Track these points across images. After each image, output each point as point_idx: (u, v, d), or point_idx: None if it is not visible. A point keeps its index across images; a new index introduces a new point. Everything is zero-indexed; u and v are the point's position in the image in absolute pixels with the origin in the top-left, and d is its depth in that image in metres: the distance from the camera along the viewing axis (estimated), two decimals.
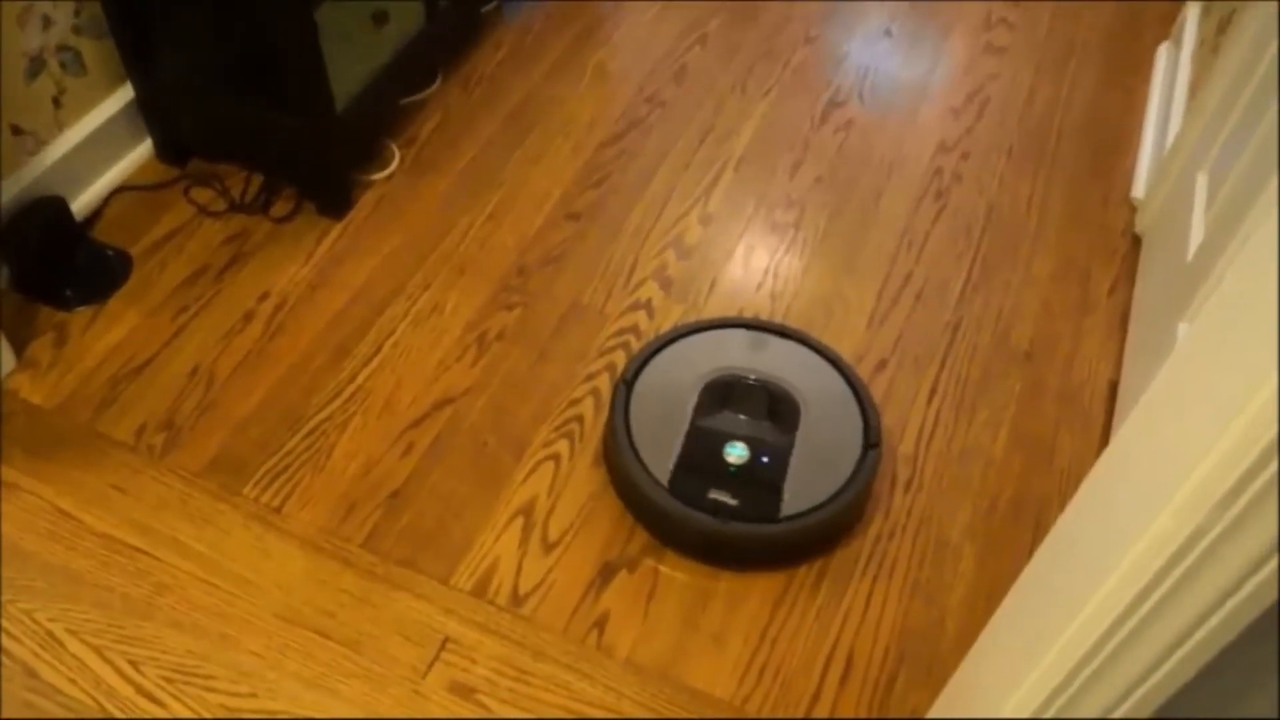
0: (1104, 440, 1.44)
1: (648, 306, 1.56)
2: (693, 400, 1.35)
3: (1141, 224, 1.69)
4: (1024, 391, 1.49)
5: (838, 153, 1.82)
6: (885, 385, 1.48)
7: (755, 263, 1.64)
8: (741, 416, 1.34)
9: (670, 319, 1.55)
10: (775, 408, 1.35)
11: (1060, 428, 1.45)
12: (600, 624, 1.24)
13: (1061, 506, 1.36)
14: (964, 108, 1.92)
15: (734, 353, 1.41)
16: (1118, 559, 0.67)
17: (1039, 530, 1.34)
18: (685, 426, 1.33)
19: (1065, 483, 1.39)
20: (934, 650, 1.24)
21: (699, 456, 1.30)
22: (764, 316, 1.56)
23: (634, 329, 1.53)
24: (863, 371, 1.50)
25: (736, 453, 1.31)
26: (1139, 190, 1.74)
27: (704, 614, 1.25)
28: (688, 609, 1.26)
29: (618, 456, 1.31)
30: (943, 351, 1.53)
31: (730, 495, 1.27)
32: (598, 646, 1.22)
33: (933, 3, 2.14)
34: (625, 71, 1.94)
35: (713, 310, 1.56)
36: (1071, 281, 1.63)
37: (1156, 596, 0.64)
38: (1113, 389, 1.49)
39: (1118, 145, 1.85)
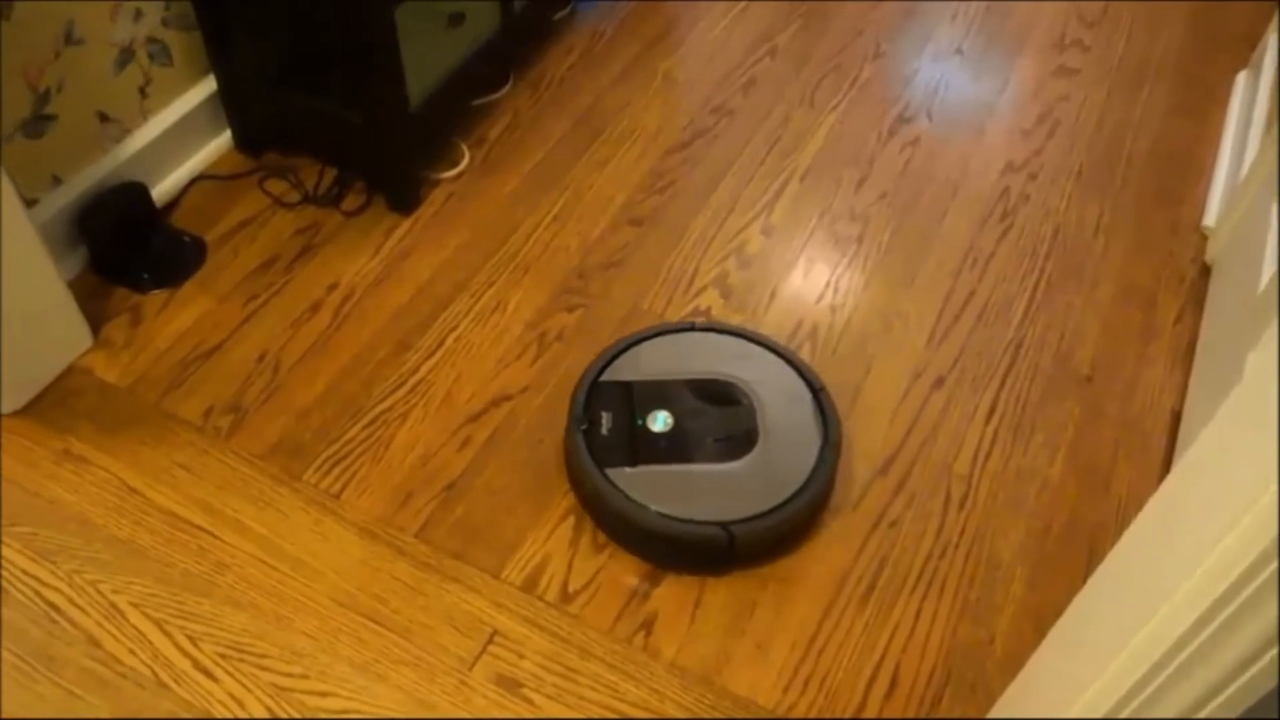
0: (1164, 470, 1.42)
1: (707, 314, 1.57)
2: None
3: (1211, 253, 1.66)
4: (1083, 416, 1.47)
5: (904, 169, 1.81)
6: (943, 402, 1.48)
7: (816, 275, 1.64)
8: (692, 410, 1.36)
9: None
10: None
11: (1119, 455, 1.43)
12: (647, 626, 1.25)
13: (1117, 535, 1.34)
14: (1034, 129, 1.90)
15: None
16: (1176, 585, 0.67)
17: (1093, 557, 1.33)
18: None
19: (1122, 511, 1.37)
20: (980, 670, 1.23)
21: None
22: (823, 328, 1.56)
23: None
24: (920, 388, 1.49)
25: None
26: (1210, 218, 1.72)
27: (750, 621, 1.26)
28: (734, 615, 1.26)
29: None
30: (1003, 371, 1.52)
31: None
32: (643, 648, 1.23)
33: (1005, 21, 2.12)
34: (694, 80, 1.95)
35: (772, 321, 1.57)
36: (1136, 307, 1.61)
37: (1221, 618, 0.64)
38: (1175, 418, 1.47)
39: (1189, 172, 1.83)
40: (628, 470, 1.30)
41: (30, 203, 1.47)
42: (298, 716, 1.17)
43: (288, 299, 1.56)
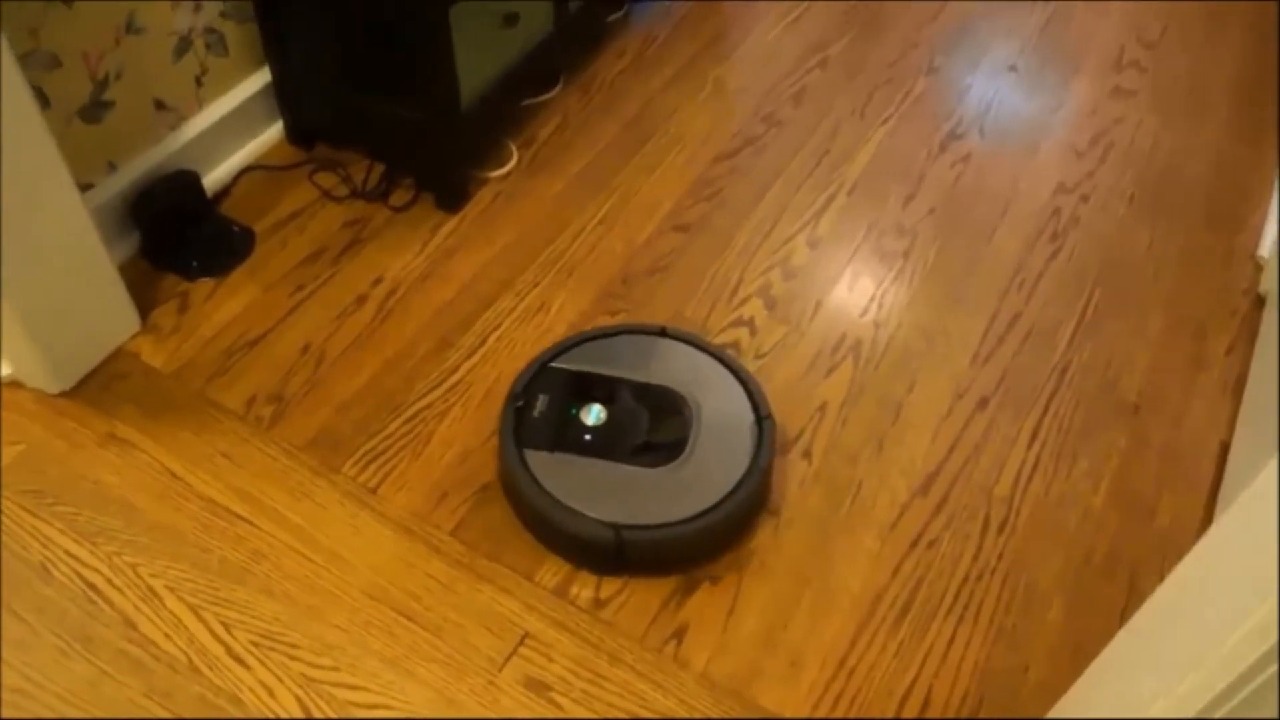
0: (1210, 504, 1.39)
1: (750, 324, 1.56)
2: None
3: (1265, 284, 1.63)
4: (1128, 445, 1.45)
5: (954, 185, 1.80)
6: (985, 424, 1.46)
7: (861, 289, 1.63)
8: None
9: (772, 338, 1.55)
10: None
11: (1164, 486, 1.41)
12: (678, 635, 1.24)
13: (1160, 568, 1.33)
14: (1087, 150, 1.88)
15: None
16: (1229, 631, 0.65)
17: (1133, 590, 1.31)
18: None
19: (1165, 544, 1.35)
20: (1014, 697, 1.22)
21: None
22: (866, 343, 1.55)
23: (735, 345, 1.54)
24: (963, 408, 1.48)
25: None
26: (1265, 248, 1.69)
27: (783, 635, 1.25)
28: (767, 629, 1.25)
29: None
30: (1047, 396, 1.50)
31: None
32: (674, 658, 1.23)
33: (1062, 40, 2.10)
34: (745, 88, 1.95)
35: (815, 333, 1.56)
36: (1187, 337, 1.59)
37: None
38: (1223, 452, 1.45)
39: (1245, 201, 1.80)
40: (544, 454, 1.30)
41: (85, 187, 1.49)
42: (327, 709, 1.17)
43: (333, 292, 1.57)
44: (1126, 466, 1.43)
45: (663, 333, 1.44)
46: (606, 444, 1.32)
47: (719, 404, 1.36)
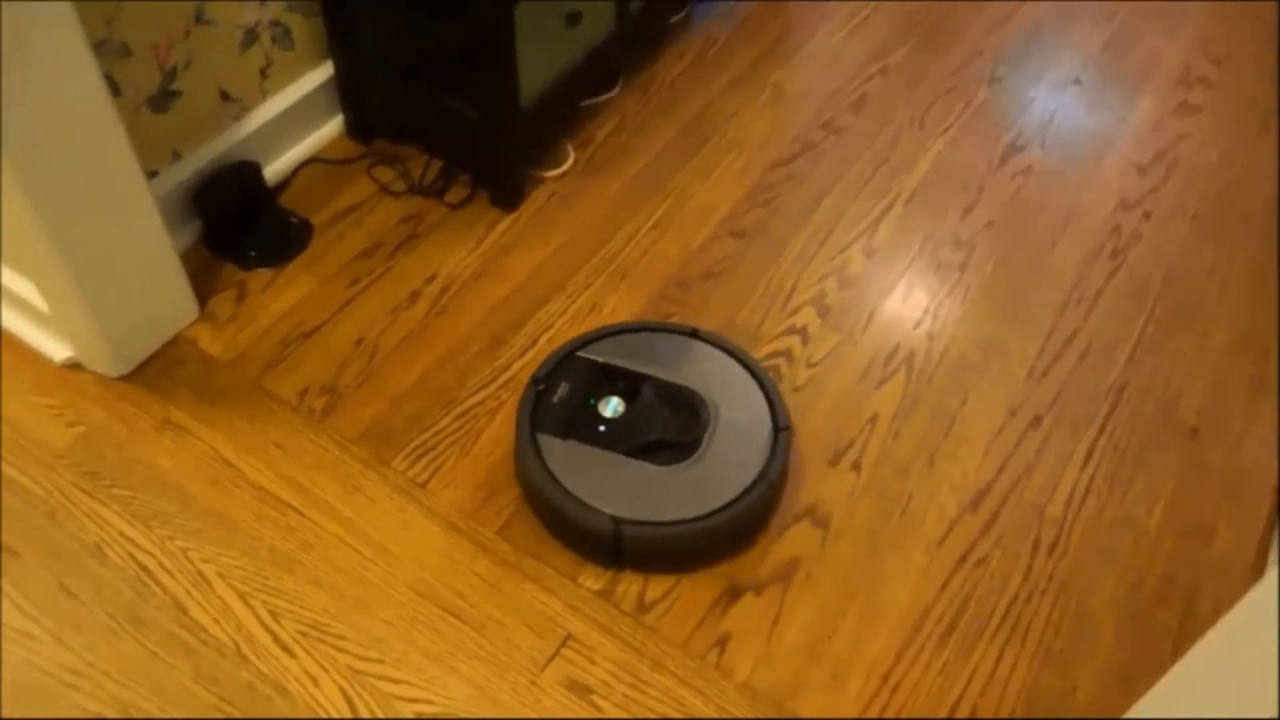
0: (1269, 531, 1.36)
1: (803, 333, 1.55)
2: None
3: None
4: (1186, 468, 1.42)
5: (1013, 198, 1.77)
6: (1039, 442, 1.44)
7: (916, 300, 1.61)
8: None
9: (825, 347, 1.54)
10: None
11: (1222, 511, 1.38)
12: (722, 643, 1.24)
13: (1216, 594, 1.30)
14: (1150, 166, 1.85)
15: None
16: None
17: (1187, 615, 1.28)
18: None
19: (1222, 570, 1.32)
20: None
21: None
22: (919, 355, 1.53)
23: (786, 353, 1.53)
24: (1016, 425, 1.46)
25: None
26: None
27: (827, 648, 1.24)
28: (811, 641, 1.25)
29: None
30: (1103, 415, 1.48)
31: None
32: (716, 666, 1.22)
33: (1128, 53, 2.07)
34: (804, 93, 1.94)
35: (868, 344, 1.55)
36: (1249, 360, 1.56)
37: None
38: None
39: None
40: (557, 440, 1.31)
41: (150, 175, 1.51)
42: (371, 701, 1.18)
43: (388, 286, 1.59)
44: (1183, 490, 1.40)
45: (694, 334, 1.44)
46: (620, 437, 1.32)
47: (739, 410, 1.35)
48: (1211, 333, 1.59)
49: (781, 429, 1.33)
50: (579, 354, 1.40)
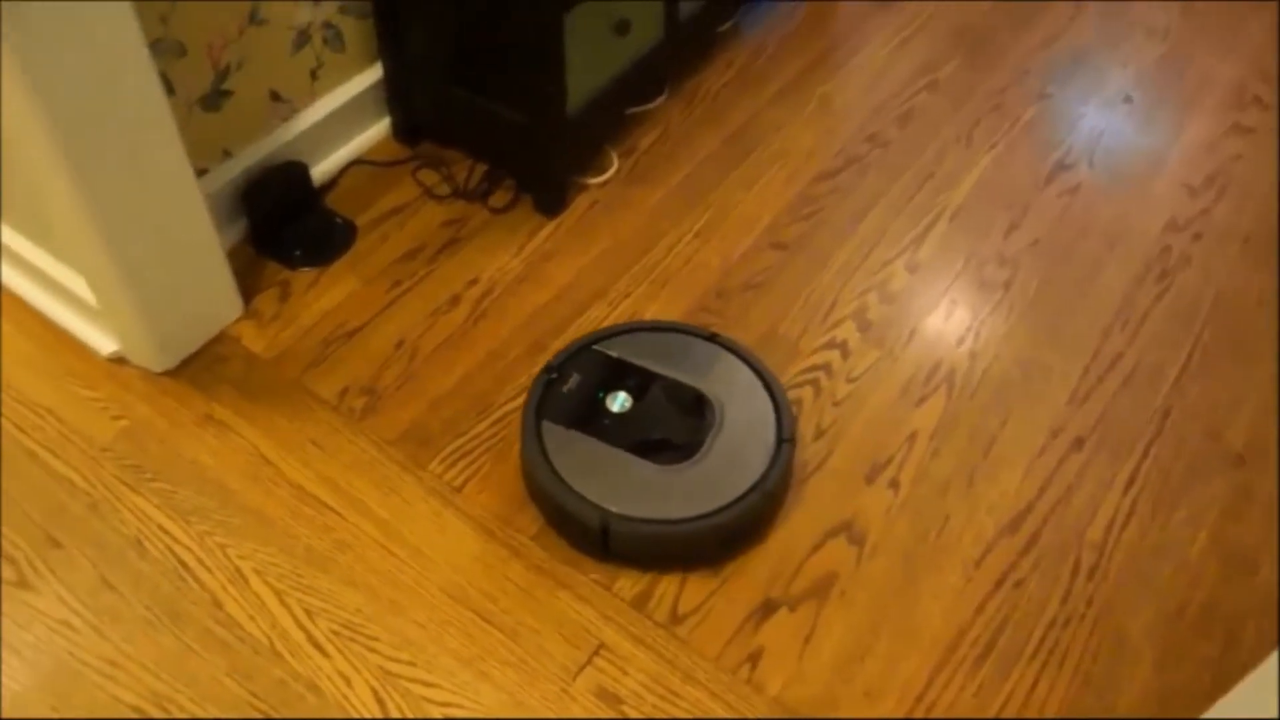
0: None
1: (843, 347, 1.55)
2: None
3: None
4: (1231, 496, 1.40)
5: (1060, 217, 1.75)
6: (1080, 465, 1.42)
7: (958, 317, 1.60)
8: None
9: (865, 362, 1.53)
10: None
11: (1267, 542, 1.36)
12: (754, 658, 1.23)
13: (1259, 627, 1.28)
14: (1202, 187, 1.82)
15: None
16: None
17: (1229, 647, 1.26)
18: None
19: (1267, 602, 1.30)
20: None
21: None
22: (961, 373, 1.52)
23: (826, 367, 1.52)
24: (1058, 446, 1.44)
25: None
26: None
27: (860, 667, 1.23)
28: (844, 660, 1.24)
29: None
30: (1147, 440, 1.46)
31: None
32: (748, 680, 1.22)
33: (1180, 72, 2.04)
34: (850, 106, 1.93)
35: (909, 360, 1.53)
36: None
37: None
38: None
39: None
40: (560, 429, 1.33)
41: (200, 172, 1.52)
42: (402, 703, 1.19)
43: (429, 288, 1.59)
44: (1228, 519, 1.38)
45: (713, 338, 1.44)
46: (623, 433, 1.33)
47: (745, 417, 1.35)
48: (1260, 359, 1.56)
49: (785, 441, 1.33)
50: (595, 347, 1.42)
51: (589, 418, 1.34)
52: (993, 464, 1.42)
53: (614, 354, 1.40)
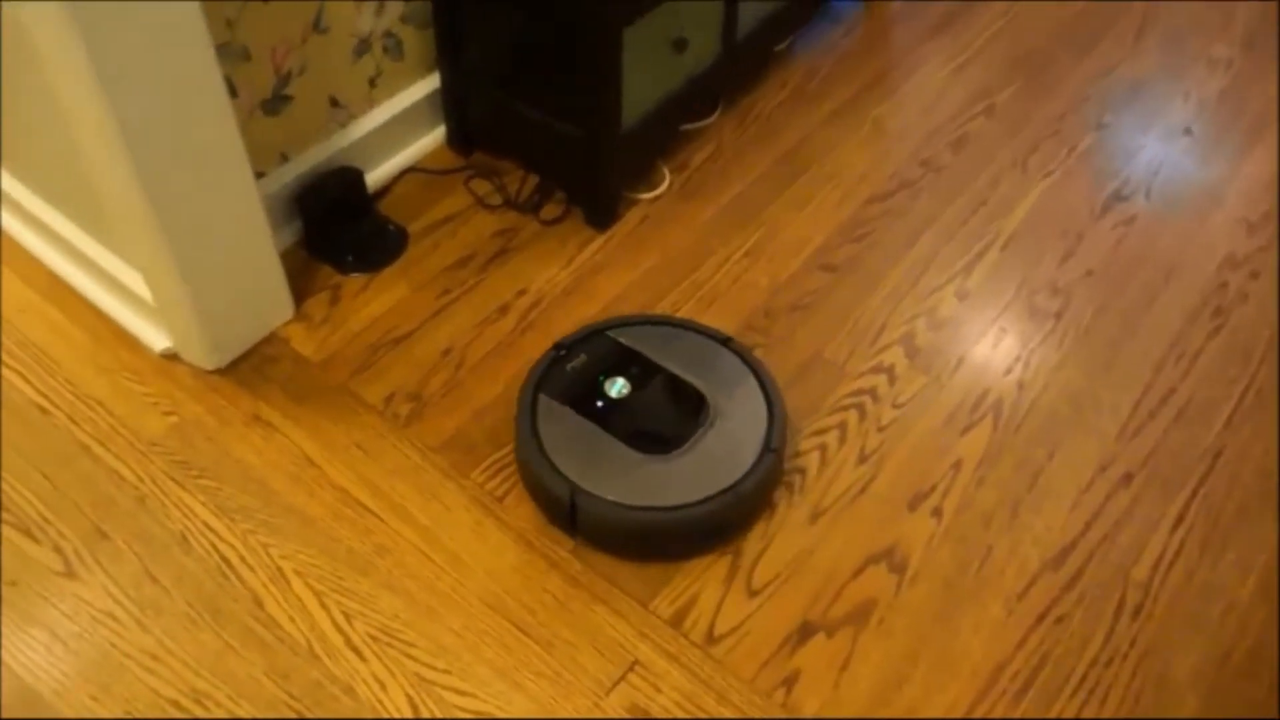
0: None
1: (889, 371, 1.53)
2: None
3: None
4: None
5: (1114, 248, 1.73)
6: (1128, 501, 1.40)
7: (1007, 346, 1.58)
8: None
9: (911, 388, 1.51)
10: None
11: None
12: (789, 682, 1.22)
13: None
14: (1261, 224, 1.79)
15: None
16: None
17: (1276, 692, 1.23)
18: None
19: None
20: None
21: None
22: (1008, 403, 1.50)
23: (871, 391, 1.51)
24: (1105, 481, 1.42)
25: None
26: None
27: (896, 695, 1.22)
28: (881, 688, 1.22)
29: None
30: (1198, 478, 1.43)
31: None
32: (783, 704, 1.21)
33: (1242, 106, 2.01)
34: (904, 130, 1.92)
35: (956, 387, 1.52)
36: None
37: None
38: None
39: None
40: (555, 404, 1.37)
41: (258, 175, 1.54)
42: (436, 710, 1.19)
43: (478, 297, 1.60)
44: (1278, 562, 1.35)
45: (726, 342, 1.45)
46: (614, 417, 1.36)
47: (738, 422, 1.36)
48: None
49: (770, 449, 1.33)
50: (608, 332, 1.44)
51: (585, 398, 1.37)
52: (1038, 496, 1.40)
53: (624, 341, 1.43)
